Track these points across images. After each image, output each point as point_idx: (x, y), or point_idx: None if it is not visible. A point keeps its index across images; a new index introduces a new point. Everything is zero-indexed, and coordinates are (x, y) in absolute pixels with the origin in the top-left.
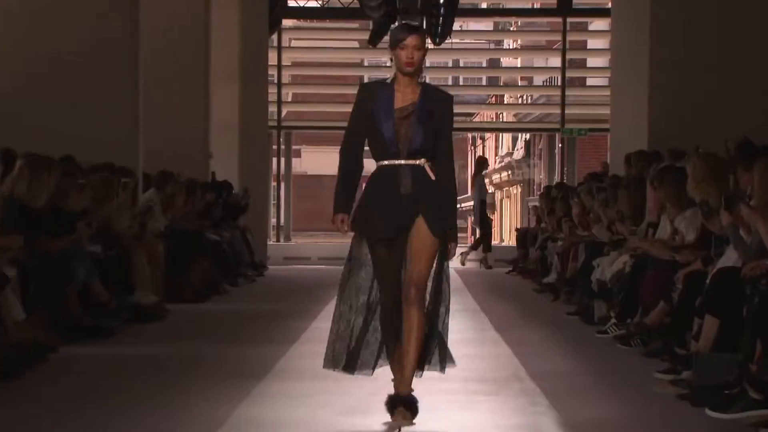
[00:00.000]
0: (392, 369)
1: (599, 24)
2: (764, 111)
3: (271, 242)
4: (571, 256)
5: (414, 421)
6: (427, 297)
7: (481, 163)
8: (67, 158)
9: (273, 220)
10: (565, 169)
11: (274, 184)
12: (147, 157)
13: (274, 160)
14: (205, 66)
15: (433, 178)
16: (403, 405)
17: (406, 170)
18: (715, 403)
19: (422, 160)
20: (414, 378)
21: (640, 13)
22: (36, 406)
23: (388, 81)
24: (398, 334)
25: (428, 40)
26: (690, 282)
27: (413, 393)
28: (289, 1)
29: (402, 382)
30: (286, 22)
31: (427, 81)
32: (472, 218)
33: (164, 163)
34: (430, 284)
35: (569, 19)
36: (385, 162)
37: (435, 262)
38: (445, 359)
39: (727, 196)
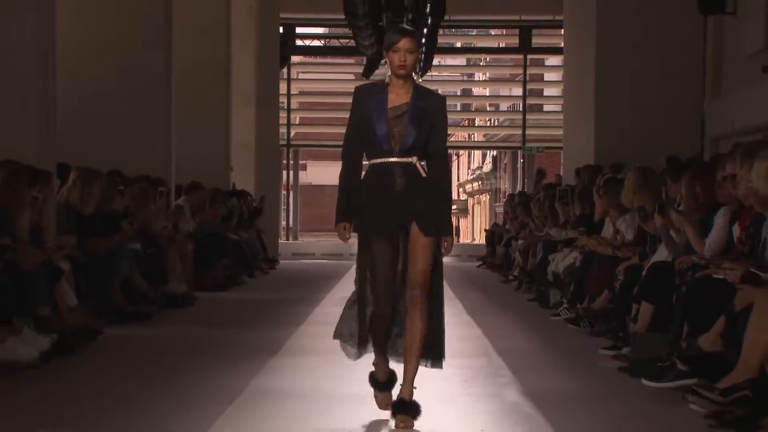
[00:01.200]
0: (378, 359)
1: (553, 60)
2: (691, 132)
3: (282, 241)
4: (531, 252)
5: (415, 426)
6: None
7: (540, 173)
8: (113, 171)
9: (283, 223)
10: (526, 180)
11: (284, 192)
12: (178, 169)
13: (284, 172)
14: (226, 94)
15: (424, 174)
16: (405, 411)
17: (398, 168)
18: (649, 374)
19: (414, 158)
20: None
21: (587, 51)
22: (87, 377)
23: (384, 82)
24: (389, 332)
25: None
26: (629, 274)
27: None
28: (296, 41)
29: (405, 385)
30: (295, 58)
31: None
32: None
33: (193, 174)
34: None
35: (529, 56)
36: (378, 160)
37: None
38: (441, 356)
39: (661, 203)
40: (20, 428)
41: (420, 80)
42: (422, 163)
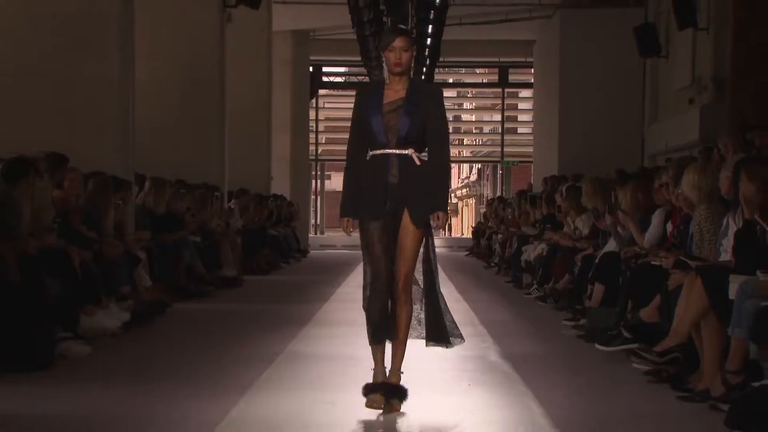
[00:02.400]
0: (375, 357)
1: (525, 93)
2: (634, 149)
3: (311, 235)
4: (507, 244)
5: (402, 409)
6: (421, 281)
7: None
8: (179, 180)
9: (312, 220)
10: (503, 187)
11: (312, 197)
12: (230, 178)
13: (313, 181)
14: (268, 121)
15: (418, 163)
16: (393, 394)
17: (394, 159)
18: (601, 340)
19: (410, 150)
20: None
21: (552, 86)
22: (158, 342)
23: (384, 82)
24: (387, 321)
25: None
26: (585, 261)
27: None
28: (323, 78)
29: (392, 371)
30: (321, 91)
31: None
32: None
33: (241, 182)
34: (420, 268)
35: (506, 90)
36: (375, 151)
37: (422, 247)
38: (453, 335)
39: (610, 205)
40: (108, 381)
41: None
42: (419, 154)
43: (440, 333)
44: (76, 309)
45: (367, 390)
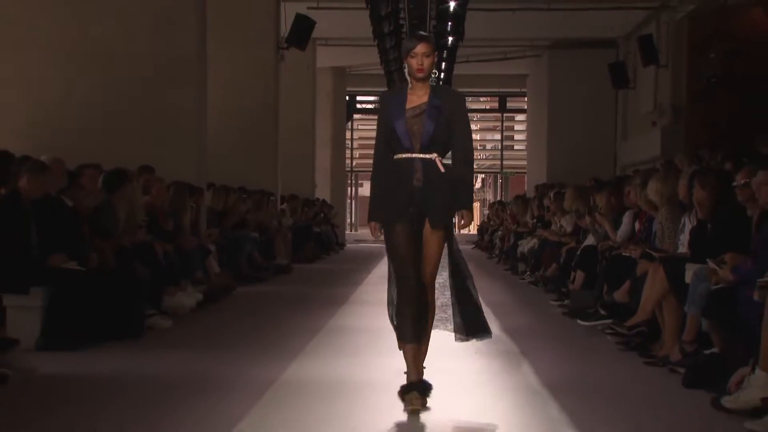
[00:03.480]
0: (407, 359)
1: (520, 117)
2: (608, 162)
3: (347, 232)
4: (506, 239)
5: (428, 405)
6: (449, 279)
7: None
8: (240, 187)
9: (348, 220)
10: (503, 193)
11: (348, 200)
12: (282, 186)
13: (349, 188)
14: (312, 138)
15: (442, 170)
16: (417, 390)
17: (418, 163)
18: (581, 316)
19: (434, 155)
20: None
21: (542, 111)
22: (227, 317)
23: (407, 87)
24: (420, 319)
25: None
26: (568, 253)
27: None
28: (357, 105)
29: (417, 369)
30: (356, 115)
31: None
32: None
33: (291, 189)
34: (447, 265)
35: (505, 114)
36: (399, 155)
37: (445, 244)
38: (481, 329)
39: (589, 207)
40: (186, 347)
41: None
42: (442, 159)
43: (470, 328)
44: (161, 291)
45: (404, 391)
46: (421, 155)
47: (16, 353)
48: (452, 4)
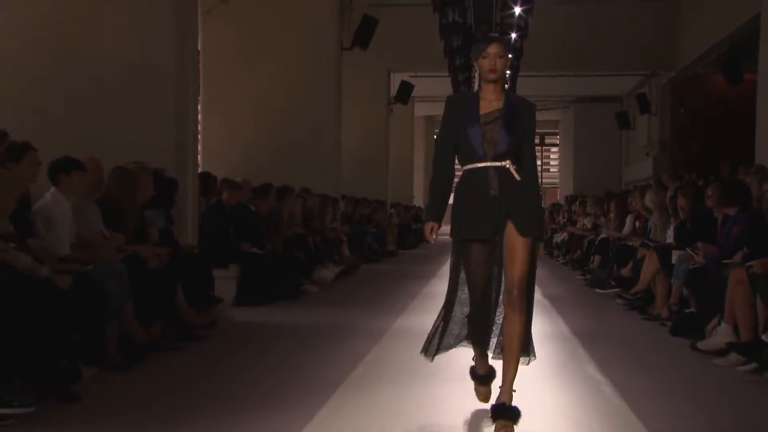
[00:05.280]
0: (477, 355)
1: (555, 149)
2: (616, 180)
3: None
4: (545, 233)
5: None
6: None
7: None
8: (363, 198)
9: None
10: (542, 201)
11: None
12: (392, 196)
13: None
14: (411, 163)
15: (518, 178)
16: (506, 416)
17: (492, 172)
18: (598, 287)
19: (507, 162)
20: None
21: (569, 145)
22: (354, 284)
23: (474, 91)
24: (487, 334)
25: None
26: (589, 243)
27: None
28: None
29: (503, 389)
30: None
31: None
32: None
33: (398, 198)
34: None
35: (543, 147)
36: (472, 165)
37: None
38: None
39: (603, 211)
40: (330, 305)
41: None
42: (515, 167)
43: (524, 346)
44: (311, 267)
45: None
46: (495, 163)
47: (221, 307)
48: (507, 71)
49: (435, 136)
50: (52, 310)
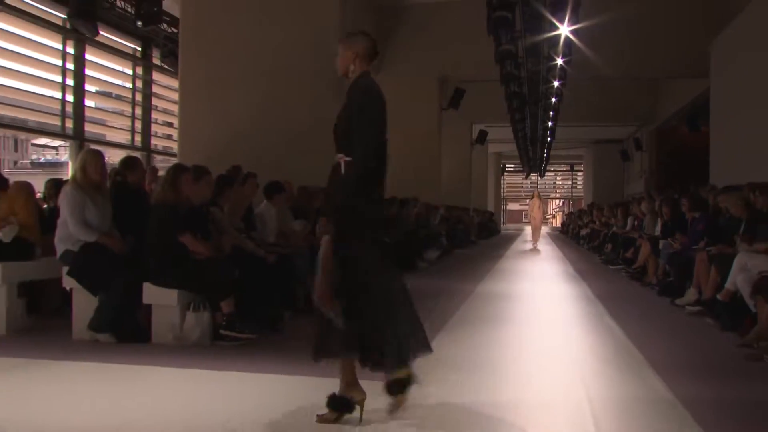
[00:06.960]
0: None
1: (580, 174)
2: (621, 192)
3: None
4: (574, 228)
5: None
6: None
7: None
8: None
9: (501, 219)
10: (572, 208)
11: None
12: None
13: (501, 204)
14: (469, 177)
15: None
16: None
17: None
18: (611, 264)
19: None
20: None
21: (590, 171)
22: (451, 261)
23: None
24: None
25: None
26: (604, 235)
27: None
28: (506, 169)
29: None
30: (506, 172)
31: None
32: None
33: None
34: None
35: (572, 174)
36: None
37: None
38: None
39: (614, 216)
40: (433, 276)
41: (541, 180)
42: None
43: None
44: (422, 251)
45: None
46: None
47: None
48: (549, 123)
49: (501, 165)
50: (266, 276)
